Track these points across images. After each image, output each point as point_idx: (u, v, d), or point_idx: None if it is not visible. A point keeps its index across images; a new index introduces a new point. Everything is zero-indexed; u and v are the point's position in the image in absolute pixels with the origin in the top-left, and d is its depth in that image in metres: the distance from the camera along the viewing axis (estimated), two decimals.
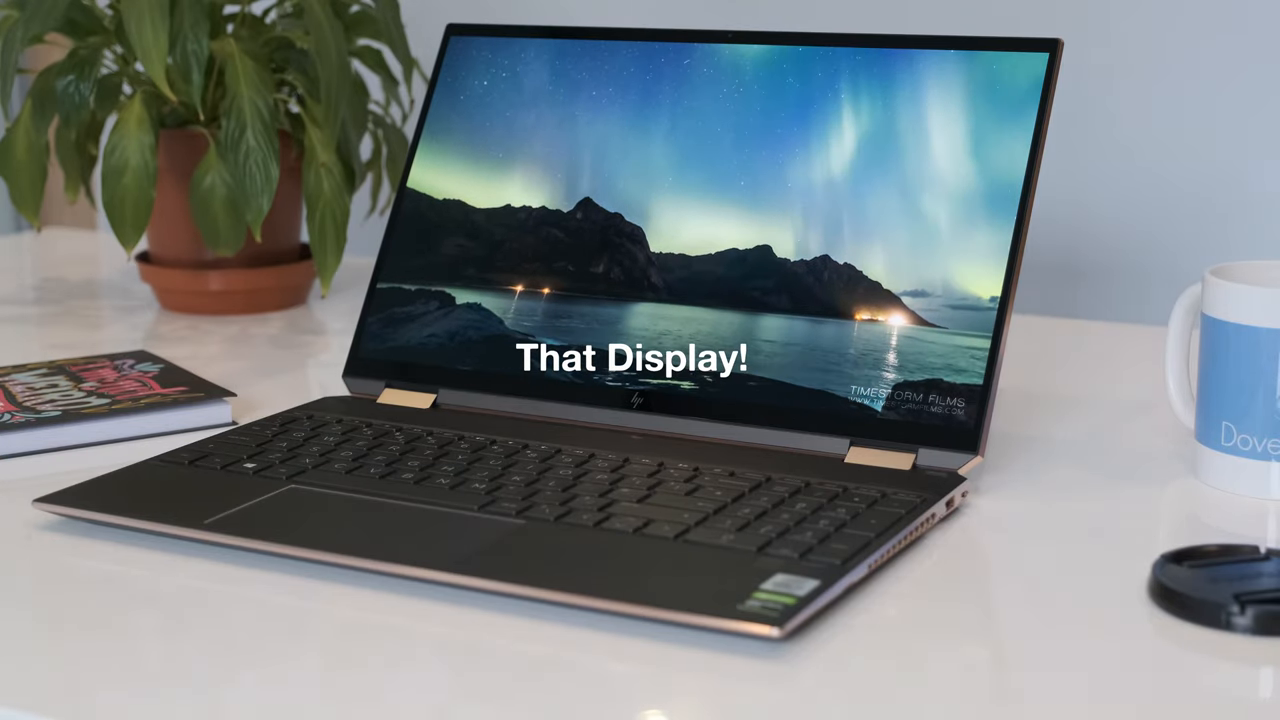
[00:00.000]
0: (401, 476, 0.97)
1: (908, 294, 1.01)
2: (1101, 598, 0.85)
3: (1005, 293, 0.99)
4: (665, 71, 1.11)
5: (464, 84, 1.17)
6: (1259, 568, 0.84)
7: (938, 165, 1.02)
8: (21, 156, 1.40)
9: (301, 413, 1.10)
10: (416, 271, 1.15)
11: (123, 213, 1.34)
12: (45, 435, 1.08)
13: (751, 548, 0.85)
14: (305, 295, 1.51)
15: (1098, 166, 1.58)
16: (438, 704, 0.75)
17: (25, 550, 0.92)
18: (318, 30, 1.35)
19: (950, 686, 0.76)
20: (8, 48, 1.35)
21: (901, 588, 0.86)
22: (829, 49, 1.07)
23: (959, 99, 1.03)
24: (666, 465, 0.98)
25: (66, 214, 2.03)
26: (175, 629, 0.83)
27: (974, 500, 0.98)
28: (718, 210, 1.08)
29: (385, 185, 1.57)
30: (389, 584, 0.85)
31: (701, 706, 0.76)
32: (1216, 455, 0.99)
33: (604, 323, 1.09)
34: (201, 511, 0.92)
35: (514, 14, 1.52)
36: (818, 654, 0.78)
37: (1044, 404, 1.18)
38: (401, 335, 1.14)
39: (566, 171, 1.13)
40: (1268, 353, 0.96)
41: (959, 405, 0.98)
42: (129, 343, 1.38)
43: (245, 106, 1.33)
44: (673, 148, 1.10)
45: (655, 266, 1.09)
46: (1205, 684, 0.78)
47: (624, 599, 0.80)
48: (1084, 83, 1.53)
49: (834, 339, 1.02)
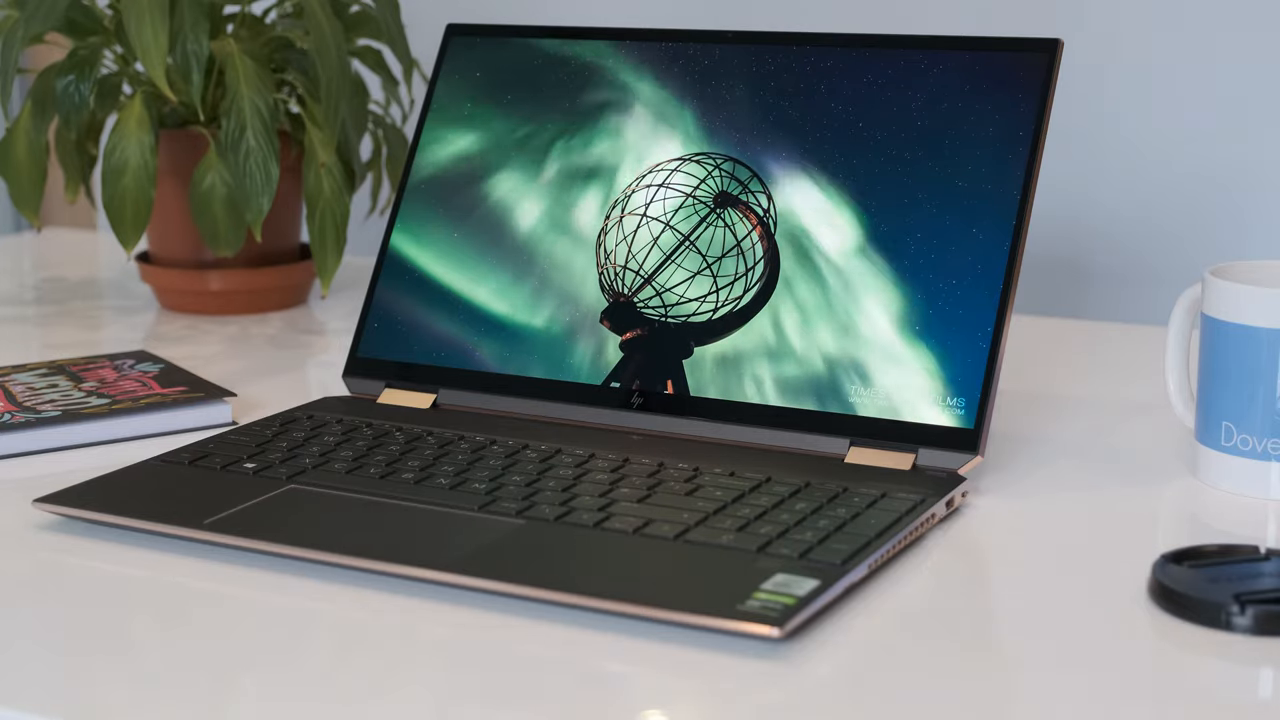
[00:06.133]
0: (401, 476, 0.97)
1: (908, 294, 1.01)
2: (1101, 598, 0.85)
3: (1005, 293, 0.99)
4: (665, 71, 1.11)
5: (464, 84, 1.17)
6: (1259, 568, 0.84)
7: (937, 165, 1.02)
8: (21, 156, 1.40)
9: (301, 413, 1.10)
10: (417, 271, 1.15)
11: (123, 213, 1.34)
12: (45, 435, 1.08)
13: (751, 548, 0.85)
14: (305, 295, 1.51)
15: (1098, 167, 1.58)
16: (438, 704, 0.76)
17: (25, 550, 0.92)
18: (318, 30, 1.35)
19: (950, 686, 0.76)
20: (8, 48, 1.35)
21: (901, 588, 0.86)
22: (829, 49, 1.07)
23: (958, 99, 1.03)
24: (666, 465, 0.98)
25: (66, 214, 2.03)
26: (175, 629, 0.83)
27: (974, 500, 0.98)
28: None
29: (385, 185, 1.57)
30: (389, 584, 0.85)
31: (701, 706, 0.76)
32: (1216, 455, 0.99)
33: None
34: (201, 511, 0.92)
35: (514, 14, 1.52)
36: (818, 654, 0.78)
37: (1044, 404, 1.18)
38: (401, 335, 1.14)
39: (566, 171, 1.13)
40: (1268, 353, 0.96)
41: (959, 405, 0.98)
42: (129, 343, 1.38)
43: (245, 106, 1.33)
44: (673, 147, 1.10)
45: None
46: (1205, 684, 0.78)
47: (624, 599, 0.80)
48: (1083, 83, 1.53)
49: (834, 338, 1.02)
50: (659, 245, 1.09)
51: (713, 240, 1.08)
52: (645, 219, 1.09)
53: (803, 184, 1.06)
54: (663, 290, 1.08)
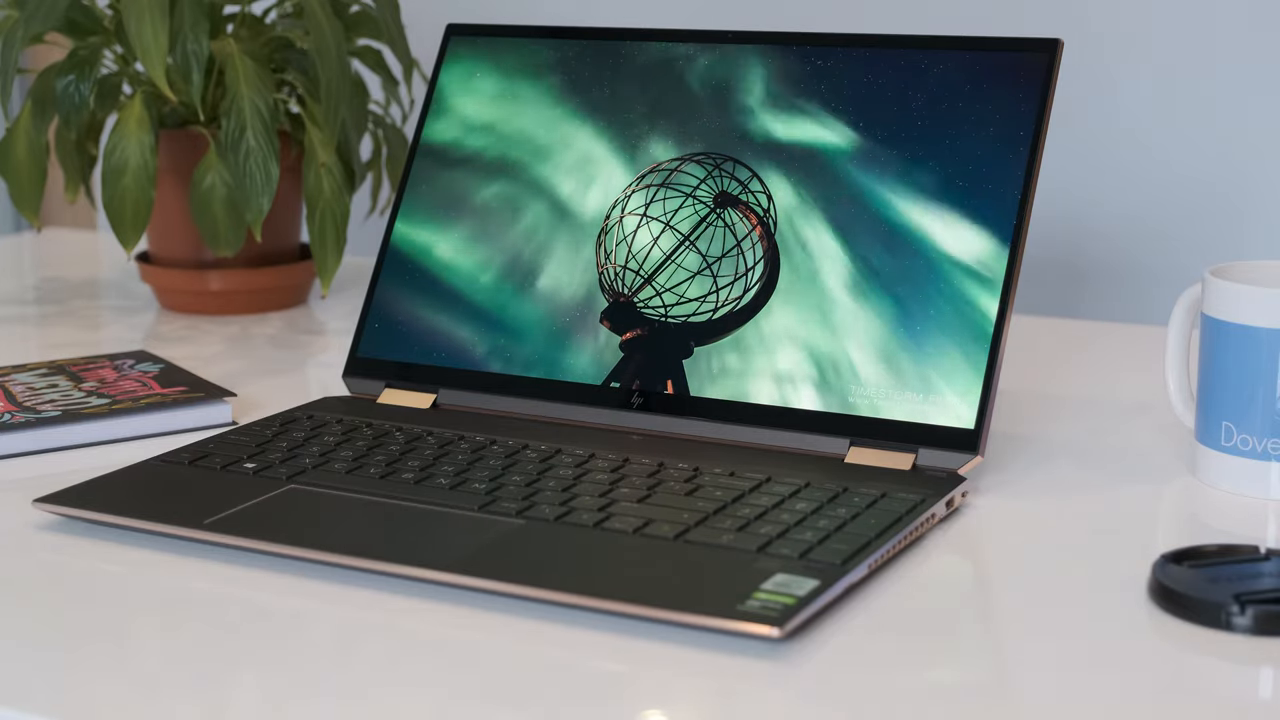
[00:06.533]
0: (401, 476, 0.97)
1: (908, 294, 1.01)
2: (1101, 598, 0.85)
3: (1005, 293, 0.99)
4: (665, 71, 1.11)
5: (464, 84, 1.17)
6: (1259, 568, 0.84)
7: (937, 165, 1.02)
8: (21, 156, 1.40)
9: (301, 413, 1.10)
10: (417, 271, 1.15)
11: (123, 213, 1.34)
12: (45, 435, 1.08)
13: (751, 548, 0.85)
14: (305, 295, 1.51)
15: (1098, 167, 1.58)
16: (438, 704, 0.75)
17: (25, 550, 0.92)
18: (318, 30, 1.35)
19: (950, 687, 0.76)
20: (8, 48, 1.35)
21: (901, 588, 0.86)
22: (830, 49, 1.07)
23: (959, 99, 1.03)
24: (666, 465, 0.98)
25: (66, 214, 2.03)
26: (175, 629, 0.83)
27: (974, 500, 0.98)
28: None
29: (385, 185, 1.57)
30: (389, 584, 0.85)
31: (701, 706, 0.76)
32: (1216, 455, 0.99)
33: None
34: (201, 511, 0.92)
35: (514, 14, 1.52)
36: (818, 654, 0.78)
37: (1044, 404, 1.18)
38: (401, 335, 1.14)
39: (567, 170, 1.13)
40: (1268, 353, 0.96)
41: (959, 405, 0.98)
42: (129, 343, 1.38)
43: (245, 106, 1.33)
44: (673, 147, 1.10)
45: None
46: (1205, 684, 0.78)
47: (624, 599, 0.80)
48: (1084, 83, 1.53)
49: (834, 338, 1.02)
50: (659, 245, 1.09)
51: (713, 240, 1.08)
52: (645, 219, 1.09)
53: (803, 184, 1.06)
54: (663, 290, 1.08)
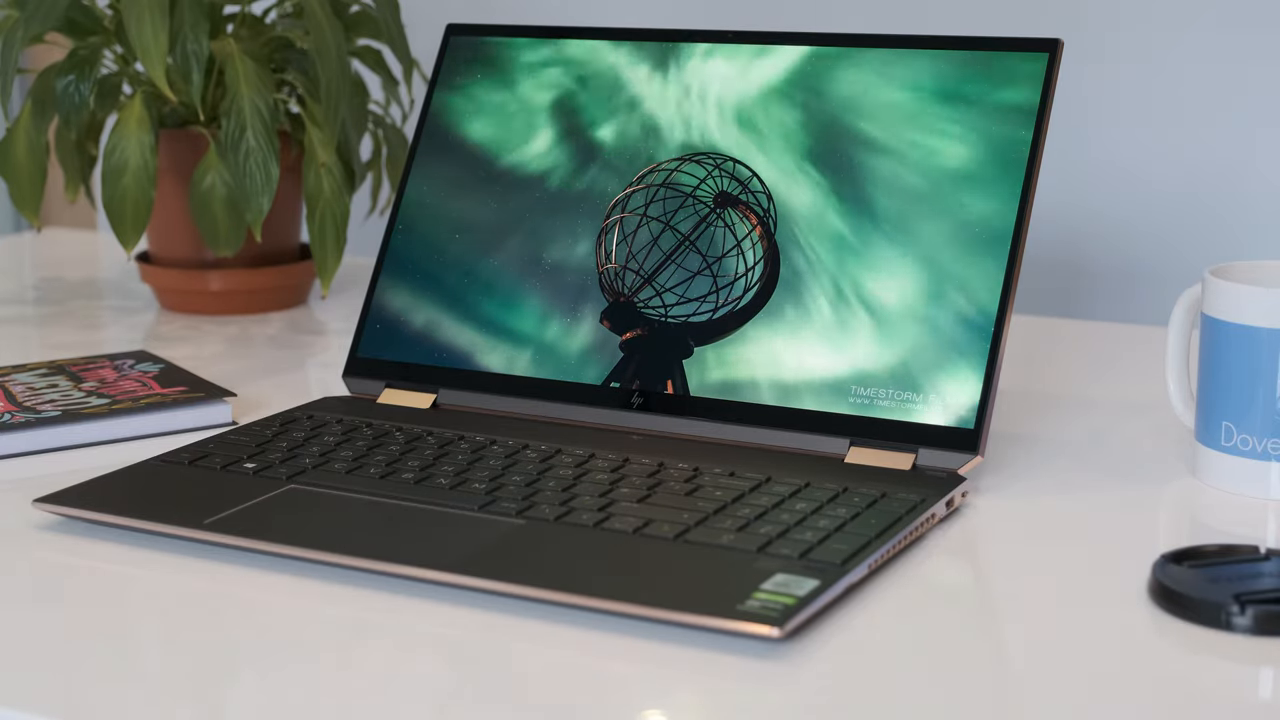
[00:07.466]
0: (401, 476, 0.97)
1: (907, 294, 1.01)
2: (1101, 598, 0.85)
3: (1005, 293, 0.99)
4: (665, 71, 1.11)
5: (464, 84, 1.17)
6: (1259, 568, 0.84)
7: (937, 165, 1.02)
8: (21, 156, 1.40)
9: (301, 413, 1.10)
10: (417, 271, 1.15)
11: (123, 213, 1.34)
12: (45, 435, 1.08)
13: (751, 548, 0.85)
14: (305, 295, 1.51)
15: (1097, 166, 1.58)
16: (438, 704, 0.75)
17: (25, 550, 0.92)
18: (318, 30, 1.35)
19: (950, 687, 0.76)
20: (8, 48, 1.35)
21: (901, 588, 0.86)
22: (829, 49, 1.07)
23: (958, 99, 1.03)
24: (666, 465, 0.98)
25: (66, 214, 2.03)
26: (175, 629, 0.83)
27: (974, 500, 0.98)
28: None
29: (385, 185, 1.57)
30: (389, 584, 0.85)
31: (701, 706, 0.76)
32: (1216, 455, 0.99)
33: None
34: (201, 511, 0.92)
35: (514, 14, 1.52)
36: (818, 654, 0.78)
37: (1044, 404, 1.18)
38: (401, 335, 1.14)
39: (567, 170, 1.13)
40: (1268, 353, 0.96)
41: (959, 405, 0.98)
42: (129, 343, 1.38)
43: (245, 106, 1.33)
44: (673, 146, 1.10)
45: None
46: (1205, 684, 0.78)
47: (624, 599, 0.80)
48: (1084, 83, 1.53)
49: (834, 338, 1.02)
50: (659, 245, 1.09)
51: (713, 240, 1.08)
52: (645, 219, 1.09)
53: (803, 184, 1.06)
54: (663, 290, 1.08)
